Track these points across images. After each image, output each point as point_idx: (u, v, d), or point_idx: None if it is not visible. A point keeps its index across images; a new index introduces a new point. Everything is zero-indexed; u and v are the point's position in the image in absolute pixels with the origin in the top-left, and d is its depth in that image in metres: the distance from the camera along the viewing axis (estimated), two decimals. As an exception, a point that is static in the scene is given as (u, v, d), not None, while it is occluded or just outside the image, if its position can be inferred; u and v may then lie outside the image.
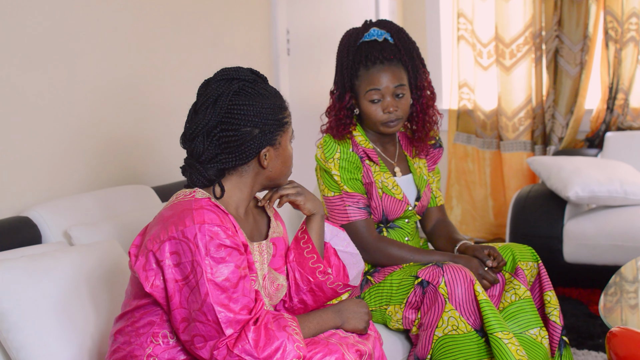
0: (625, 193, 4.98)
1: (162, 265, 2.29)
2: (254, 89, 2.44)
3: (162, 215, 2.37)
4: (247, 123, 2.40)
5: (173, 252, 2.28)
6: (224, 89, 2.42)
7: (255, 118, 2.40)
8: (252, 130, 2.40)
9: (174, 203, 2.39)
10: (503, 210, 6.46)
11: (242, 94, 2.42)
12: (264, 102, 2.42)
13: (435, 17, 6.80)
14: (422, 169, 3.43)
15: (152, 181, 3.96)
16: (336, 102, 3.30)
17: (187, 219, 2.28)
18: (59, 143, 3.45)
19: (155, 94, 4.08)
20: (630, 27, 5.81)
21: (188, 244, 2.26)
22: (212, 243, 2.26)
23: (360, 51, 3.24)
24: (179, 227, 2.28)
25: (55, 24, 3.45)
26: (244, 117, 2.39)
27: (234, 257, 2.30)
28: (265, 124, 2.42)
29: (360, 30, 3.30)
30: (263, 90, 2.46)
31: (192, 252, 2.26)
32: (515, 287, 3.08)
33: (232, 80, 2.44)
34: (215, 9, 4.60)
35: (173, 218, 2.31)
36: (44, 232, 3.10)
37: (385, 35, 3.27)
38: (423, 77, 3.33)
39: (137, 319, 2.41)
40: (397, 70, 3.23)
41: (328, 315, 2.59)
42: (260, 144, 2.42)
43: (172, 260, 2.28)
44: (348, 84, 3.26)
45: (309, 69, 5.67)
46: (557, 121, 6.09)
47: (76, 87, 3.55)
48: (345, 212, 3.19)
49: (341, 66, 3.28)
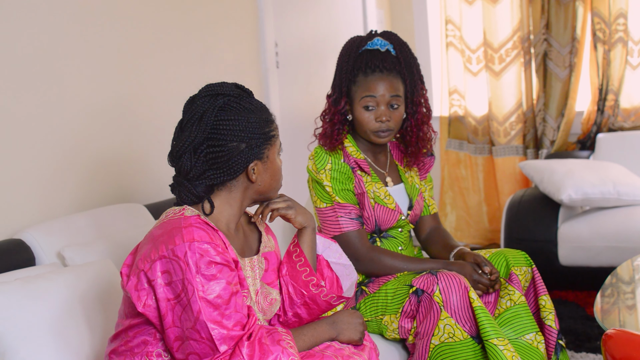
0: (619, 194, 4.99)
1: (153, 285, 2.29)
2: (239, 104, 2.44)
3: (152, 234, 2.36)
4: (234, 138, 2.40)
5: (164, 271, 2.28)
6: (208, 105, 2.42)
7: (241, 133, 2.40)
8: (239, 145, 2.40)
9: (164, 222, 2.39)
10: (497, 215, 6.46)
11: (227, 109, 2.42)
12: (249, 117, 2.43)
13: (423, 24, 6.81)
14: (413, 177, 3.43)
15: (144, 199, 3.95)
16: (331, 106, 3.31)
17: (177, 237, 2.28)
18: (50, 164, 3.45)
19: (146, 111, 4.08)
20: (617, 28, 5.83)
21: (178, 262, 2.26)
22: (203, 260, 2.26)
23: (361, 58, 3.26)
24: (169, 245, 2.28)
25: (44, 43, 3.44)
26: (230, 132, 2.40)
27: (224, 274, 2.30)
28: (252, 138, 2.42)
29: (364, 38, 3.32)
30: (248, 105, 2.46)
31: (182, 271, 2.25)
32: (510, 293, 3.07)
33: (217, 96, 2.44)
34: (203, 24, 4.60)
35: (163, 237, 2.31)
36: (38, 254, 3.09)
37: (388, 46, 3.29)
38: (420, 93, 3.33)
39: (131, 339, 2.41)
40: (395, 81, 3.23)
41: (322, 328, 2.60)
42: (248, 159, 2.42)
43: (164, 279, 2.28)
44: (345, 89, 3.27)
45: (299, 81, 5.68)
46: (548, 124, 6.10)
47: (66, 106, 3.54)
48: (338, 223, 3.19)
49: (340, 71, 3.29)
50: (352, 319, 2.66)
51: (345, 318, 2.66)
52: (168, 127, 4.17)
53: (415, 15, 6.85)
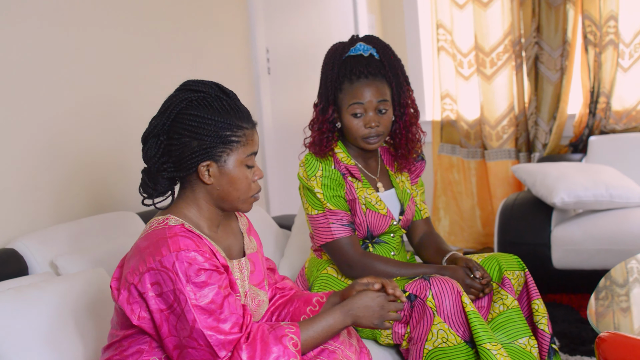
0: (611, 196, 5.00)
1: (145, 297, 2.29)
2: (208, 102, 2.42)
3: (138, 246, 2.36)
4: (187, 134, 2.38)
5: (154, 283, 2.28)
6: (178, 97, 2.43)
7: (196, 130, 2.38)
8: (191, 142, 2.38)
9: (148, 233, 2.38)
10: (491, 219, 6.46)
11: (193, 105, 2.41)
12: (212, 116, 2.39)
13: (414, 29, 6.82)
14: (404, 182, 3.43)
15: (136, 207, 3.95)
16: (319, 115, 3.29)
17: (163, 248, 2.28)
18: (42, 173, 3.44)
19: (138, 118, 4.06)
20: (608, 31, 5.84)
21: (167, 273, 2.26)
22: (191, 269, 2.26)
23: (345, 65, 3.24)
24: (156, 257, 2.27)
25: (33, 49, 3.44)
26: (186, 128, 2.38)
27: (214, 279, 2.30)
28: (203, 138, 2.38)
29: (346, 44, 3.30)
30: (218, 105, 2.42)
31: (172, 281, 2.25)
32: (503, 297, 3.07)
33: (190, 91, 2.44)
34: (194, 31, 4.60)
35: (149, 248, 2.31)
36: (30, 263, 3.09)
37: (371, 50, 3.27)
38: (407, 94, 3.32)
39: (126, 348, 2.41)
40: (381, 85, 3.22)
41: (336, 319, 2.52)
42: (198, 158, 2.39)
43: (154, 291, 2.28)
44: (332, 97, 3.26)
45: (290, 87, 5.68)
46: (540, 128, 6.10)
47: (57, 115, 3.54)
48: (330, 230, 3.19)
49: (326, 79, 3.27)
50: (369, 302, 2.56)
51: (361, 302, 2.55)
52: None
53: (406, 20, 6.85)
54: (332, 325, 2.51)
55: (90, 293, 2.87)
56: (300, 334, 2.41)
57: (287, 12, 5.75)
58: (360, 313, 2.54)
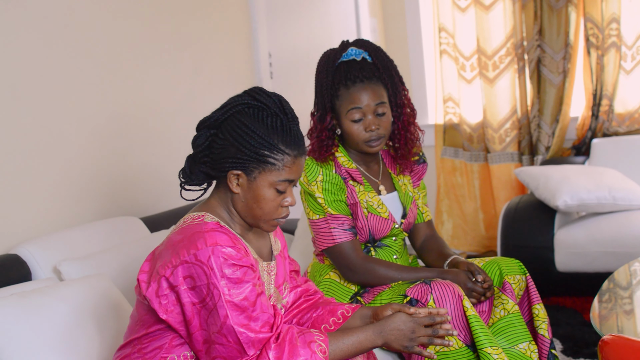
0: (614, 199, 4.99)
1: (177, 290, 2.30)
2: (262, 116, 2.41)
3: (172, 240, 2.37)
4: (231, 138, 2.39)
5: (187, 276, 2.29)
6: (239, 101, 2.43)
7: (239, 137, 2.38)
8: (231, 147, 2.39)
9: (183, 227, 2.39)
10: (494, 222, 6.45)
11: (246, 113, 2.41)
12: (258, 131, 2.38)
13: (416, 32, 6.82)
14: (407, 185, 3.43)
15: (140, 212, 3.95)
16: (317, 124, 3.29)
17: (199, 241, 2.29)
18: (46, 178, 3.45)
19: (141, 124, 4.08)
20: (610, 33, 5.83)
21: (202, 267, 2.27)
22: (227, 264, 2.28)
23: (339, 71, 3.24)
24: (191, 250, 2.29)
25: (40, 60, 3.45)
26: (232, 132, 2.39)
27: (249, 276, 2.32)
28: (242, 149, 2.39)
29: (337, 50, 3.29)
30: (271, 123, 2.41)
31: (207, 275, 2.27)
32: (504, 302, 3.07)
33: (251, 97, 2.44)
34: (197, 37, 4.60)
35: (184, 242, 2.32)
36: (34, 269, 3.10)
37: (364, 54, 3.27)
38: (402, 94, 3.32)
39: (145, 345, 2.42)
40: (377, 88, 3.22)
41: (368, 337, 2.52)
42: (231, 165, 2.40)
43: (187, 284, 2.29)
44: (329, 105, 3.25)
45: (293, 91, 5.67)
46: (543, 130, 6.10)
47: (61, 122, 3.55)
48: (331, 235, 3.19)
49: (321, 87, 3.27)
50: (402, 326, 2.55)
51: (394, 325, 2.55)
52: (163, 140, 4.19)
53: (408, 23, 6.85)
54: (362, 343, 2.51)
55: (94, 298, 2.87)
56: (329, 345, 2.42)
57: (289, 16, 5.76)
58: (392, 336, 2.54)
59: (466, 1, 6.35)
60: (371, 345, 2.52)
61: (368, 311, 2.72)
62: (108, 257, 3.24)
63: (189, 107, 4.48)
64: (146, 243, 3.40)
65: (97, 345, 2.77)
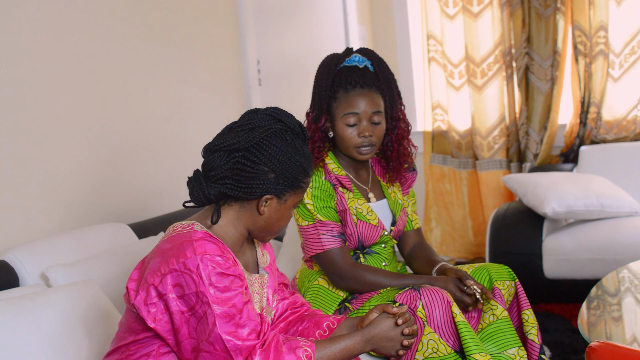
0: (602, 206, 5.00)
1: (165, 299, 2.30)
2: (292, 140, 2.45)
3: (161, 248, 2.37)
4: (268, 163, 2.40)
5: (176, 285, 2.29)
6: (266, 123, 2.43)
7: (277, 163, 2.40)
8: (269, 172, 2.40)
9: (172, 235, 2.40)
10: (482, 229, 6.46)
11: (279, 137, 2.43)
12: (293, 155, 2.42)
13: (405, 40, 6.83)
14: (396, 193, 3.43)
15: (128, 218, 3.95)
16: (312, 124, 3.29)
17: (188, 250, 2.30)
18: (33, 184, 3.44)
19: (128, 130, 4.07)
20: (598, 41, 5.86)
21: (191, 275, 2.27)
22: (215, 272, 2.28)
23: (340, 75, 3.25)
24: (180, 259, 2.29)
25: (27, 63, 3.44)
26: (269, 156, 2.39)
27: (236, 284, 2.32)
28: (283, 175, 2.41)
29: (342, 55, 3.31)
30: (299, 146, 2.46)
31: (195, 283, 2.27)
32: (493, 308, 3.07)
33: (278, 121, 2.45)
34: (184, 43, 4.60)
35: (173, 250, 2.32)
36: (21, 275, 3.08)
37: (366, 62, 3.28)
38: (399, 108, 3.34)
39: (133, 352, 2.42)
40: (375, 96, 3.23)
41: (355, 344, 2.53)
42: (268, 189, 2.41)
43: (176, 293, 2.30)
44: (325, 106, 3.26)
45: (282, 98, 5.68)
46: (531, 138, 6.12)
47: (49, 128, 3.54)
48: (320, 241, 3.18)
49: (320, 88, 3.27)
50: (390, 333, 2.58)
51: (381, 332, 2.57)
52: (151, 147, 4.18)
53: (397, 31, 6.86)
54: (350, 349, 2.52)
55: (82, 304, 2.86)
56: (316, 351, 2.42)
57: (278, 23, 5.76)
58: (381, 343, 2.58)
59: (454, 9, 6.37)
60: (359, 352, 2.54)
61: (354, 321, 2.73)
62: (96, 264, 3.22)
63: (177, 114, 4.48)
64: (134, 249, 3.39)
65: (85, 352, 2.76)
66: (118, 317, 2.93)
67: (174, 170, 4.28)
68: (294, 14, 6.06)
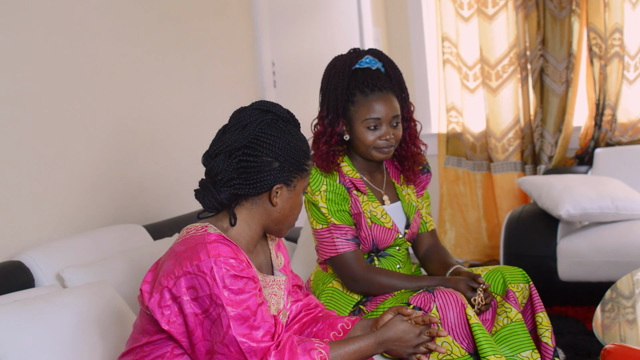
0: (617, 209, 4.99)
1: (180, 301, 2.31)
2: (286, 127, 2.47)
3: (174, 251, 2.38)
4: (270, 153, 2.41)
5: (189, 287, 2.30)
6: (256, 117, 2.45)
7: (278, 151, 2.42)
8: (273, 162, 2.42)
9: (186, 238, 2.40)
10: (496, 231, 6.45)
11: (272, 126, 2.44)
12: (291, 141, 2.45)
13: (420, 42, 6.83)
14: (410, 195, 3.43)
15: (143, 220, 3.96)
16: (327, 127, 3.25)
17: (202, 252, 2.30)
18: (49, 185, 3.45)
19: (144, 132, 4.08)
20: (613, 43, 5.84)
21: (205, 277, 2.28)
22: (229, 275, 2.29)
23: (355, 77, 3.22)
24: (194, 261, 2.30)
25: (43, 69, 3.45)
26: (269, 146, 2.41)
27: (250, 286, 2.33)
28: (286, 161, 2.43)
29: (353, 56, 3.27)
30: (294, 132, 2.49)
31: (209, 286, 2.28)
32: (507, 310, 3.06)
33: (267, 112, 2.46)
34: (200, 46, 4.61)
35: (187, 252, 2.33)
36: (37, 276, 3.09)
37: (378, 64, 3.27)
38: (409, 108, 3.34)
39: (147, 354, 2.43)
40: (393, 99, 3.21)
41: (369, 346, 2.54)
42: (276, 178, 2.43)
43: (189, 295, 2.30)
44: (341, 109, 3.24)
45: (296, 100, 5.68)
46: (546, 140, 6.10)
47: (66, 130, 3.55)
48: (334, 244, 3.18)
49: (335, 90, 3.23)
50: (404, 335, 2.59)
51: (395, 334, 2.58)
52: (166, 149, 4.19)
53: (411, 33, 6.86)
54: (363, 351, 2.53)
55: (97, 305, 2.87)
56: (330, 352, 2.43)
57: (293, 25, 5.76)
58: (394, 345, 2.58)
59: (469, 11, 6.36)
60: (372, 353, 2.55)
61: (368, 322, 2.73)
62: (111, 265, 3.23)
63: (192, 116, 4.49)
64: (149, 251, 3.40)
65: (99, 353, 2.77)
66: (133, 318, 2.94)
67: (189, 171, 4.28)
68: (309, 15, 6.06)
